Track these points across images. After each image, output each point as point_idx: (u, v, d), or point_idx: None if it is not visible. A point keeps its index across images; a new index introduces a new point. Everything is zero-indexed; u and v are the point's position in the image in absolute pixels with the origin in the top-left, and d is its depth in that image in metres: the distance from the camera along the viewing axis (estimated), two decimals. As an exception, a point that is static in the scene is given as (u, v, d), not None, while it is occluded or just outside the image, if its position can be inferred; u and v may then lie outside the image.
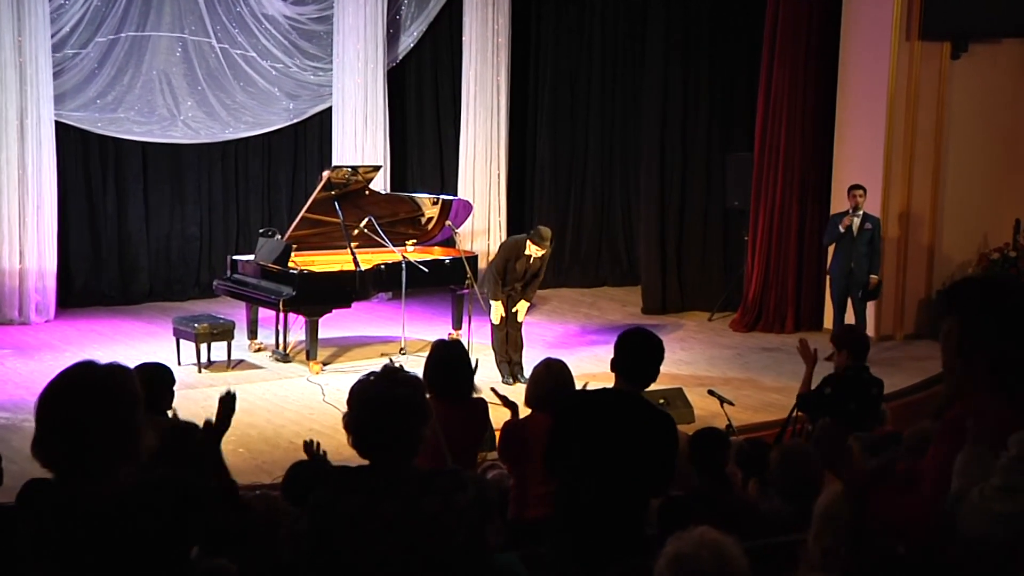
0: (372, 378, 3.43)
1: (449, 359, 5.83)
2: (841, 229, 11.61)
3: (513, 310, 10.54)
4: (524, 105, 15.75)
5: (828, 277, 12.21)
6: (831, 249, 12.01)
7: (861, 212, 11.62)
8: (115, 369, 3.06)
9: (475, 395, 5.95)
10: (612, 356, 4.79)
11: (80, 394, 2.97)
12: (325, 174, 11.26)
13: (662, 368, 4.81)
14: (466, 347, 6.66)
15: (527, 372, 9.89)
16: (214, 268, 13.97)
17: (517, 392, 7.58)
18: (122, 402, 2.97)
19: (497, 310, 10.38)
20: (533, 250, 10.28)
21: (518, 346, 10.59)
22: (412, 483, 3.35)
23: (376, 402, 3.35)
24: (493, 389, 6.42)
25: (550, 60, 15.68)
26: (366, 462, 3.39)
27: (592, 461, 4.68)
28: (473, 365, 5.97)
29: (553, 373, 5.71)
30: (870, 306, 12.06)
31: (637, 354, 4.76)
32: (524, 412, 5.87)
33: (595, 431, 4.72)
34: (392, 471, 3.35)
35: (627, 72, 15.63)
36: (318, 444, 5.02)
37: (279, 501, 4.35)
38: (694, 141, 14.15)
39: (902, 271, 12.75)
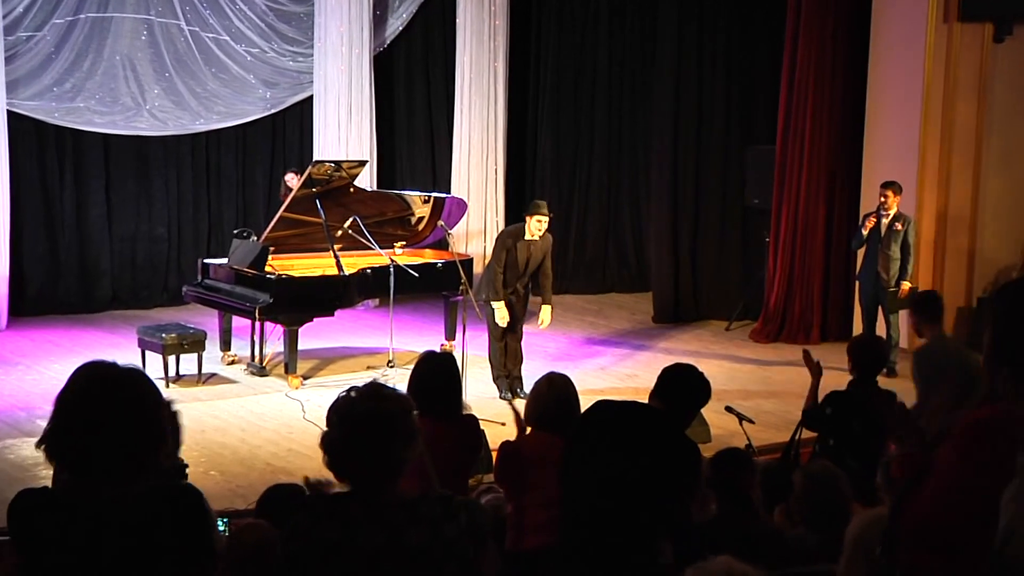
0: (354, 394, 3.40)
1: (437, 372, 5.81)
2: (863, 232, 11.55)
3: (539, 321, 10.57)
4: (524, 94, 15.74)
5: (857, 283, 12.18)
6: (860, 253, 11.99)
7: (891, 211, 11.55)
8: (136, 371, 3.18)
9: (465, 411, 5.93)
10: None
11: (113, 390, 3.04)
12: (297, 174, 11.23)
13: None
14: (460, 359, 6.63)
15: (528, 386, 9.85)
16: (183, 273, 13.94)
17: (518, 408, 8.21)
18: (152, 401, 3.10)
19: (502, 312, 10.34)
20: (533, 227, 10.32)
21: (518, 359, 10.56)
22: (396, 510, 3.31)
23: (358, 420, 3.32)
24: (511, 404, 6.44)
25: (552, 44, 15.67)
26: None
27: (606, 481, 4.66)
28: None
29: (556, 388, 5.69)
30: (903, 314, 12.03)
31: (679, 393, 4.87)
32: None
33: (612, 446, 4.70)
34: (374, 497, 3.32)
35: (636, 57, 15.61)
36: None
37: (269, 531, 4.33)
38: (710, 132, 14.13)
39: (939, 276, 12.71)
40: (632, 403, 4.86)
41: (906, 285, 11.51)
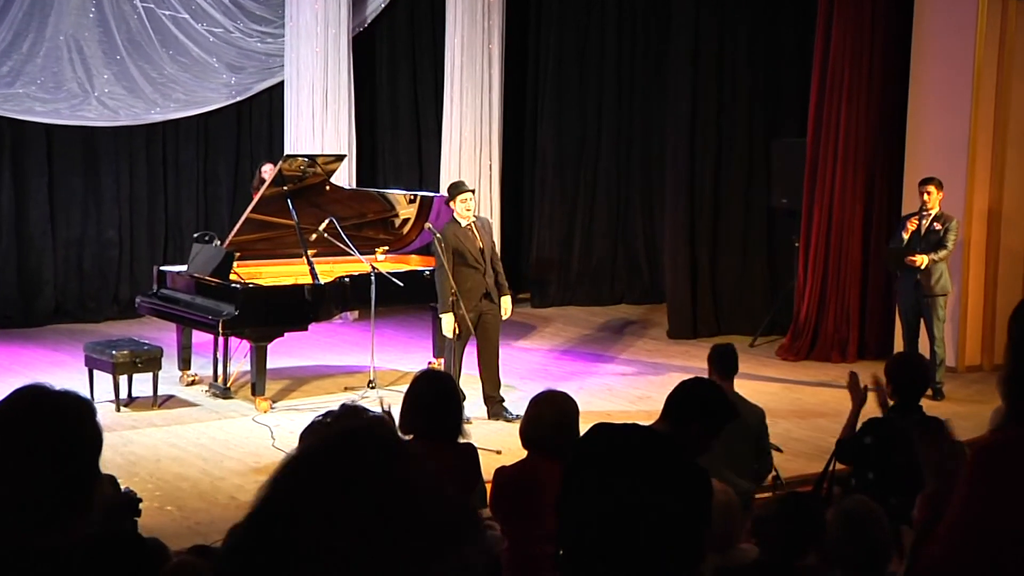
0: (328, 419, 3.39)
1: (434, 392, 5.83)
2: (904, 236, 11.51)
3: (503, 312, 10.57)
4: (522, 80, 15.75)
5: (896, 294, 12.18)
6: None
7: (932, 211, 11.53)
8: (74, 398, 2.98)
9: (465, 439, 5.93)
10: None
11: (39, 425, 2.88)
12: (275, 165, 11.23)
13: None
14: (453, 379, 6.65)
15: (517, 409, 9.85)
16: (137, 281, 13.94)
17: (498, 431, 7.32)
18: (86, 438, 2.91)
19: (449, 323, 10.37)
20: (461, 209, 10.41)
21: (493, 372, 10.54)
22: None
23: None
24: None
25: (554, 24, 15.69)
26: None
27: (605, 517, 4.66)
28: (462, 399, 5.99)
29: (555, 407, 5.69)
30: (950, 330, 12.03)
31: (692, 415, 4.86)
32: (519, 454, 5.85)
33: (611, 478, 4.70)
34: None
35: (650, 39, 15.64)
36: None
37: (203, 569, 4.30)
38: (732, 124, 14.15)
39: (991, 284, 12.72)
40: (632, 426, 4.87)
41: (922, 258, 11.36)
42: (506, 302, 10.69)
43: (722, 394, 5.04)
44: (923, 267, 11.29)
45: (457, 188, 10.64)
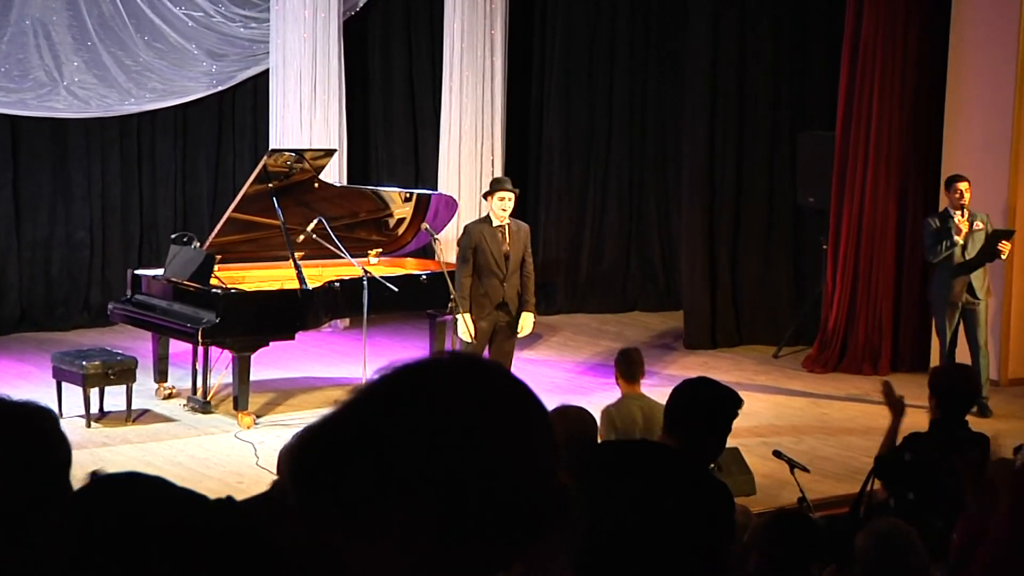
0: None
1: None
2: (958, 240, 11.46)
3: (519, 328, 10.56)
4: (527, 67, 15.76)
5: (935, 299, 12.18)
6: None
7: (967, 212, 11.56)
8: (35, 409, 2.97)
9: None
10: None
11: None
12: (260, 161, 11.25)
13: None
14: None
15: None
16: (109, 286, 13.95)
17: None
18: (52, 452, 2.90)
19: (466, 324, 10.36)
20: (498, 208, 10.43)
21: None
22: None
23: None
24: None
25: (562, 7, 15.69)
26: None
27: (615, 542, 4.68)
28: None
29: (570, 423, 5.66)
30: (993, 340, 12.04)
31: (693, 412, 4.83)
32: None
33: (621, 499, 4.71)
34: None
35: (666, 23, 15.65)
36: None
37: None
38: (754, 115, 14.16)
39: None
40: (639, 442, 4.87)
41: (1007, 246, 11.46)
42: (526, 319, 10.62)
43: (722, 388, 5.03)
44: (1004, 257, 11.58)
45: (497, 184, 10.71)
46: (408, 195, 12.18)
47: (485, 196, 10.79)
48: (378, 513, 1.68)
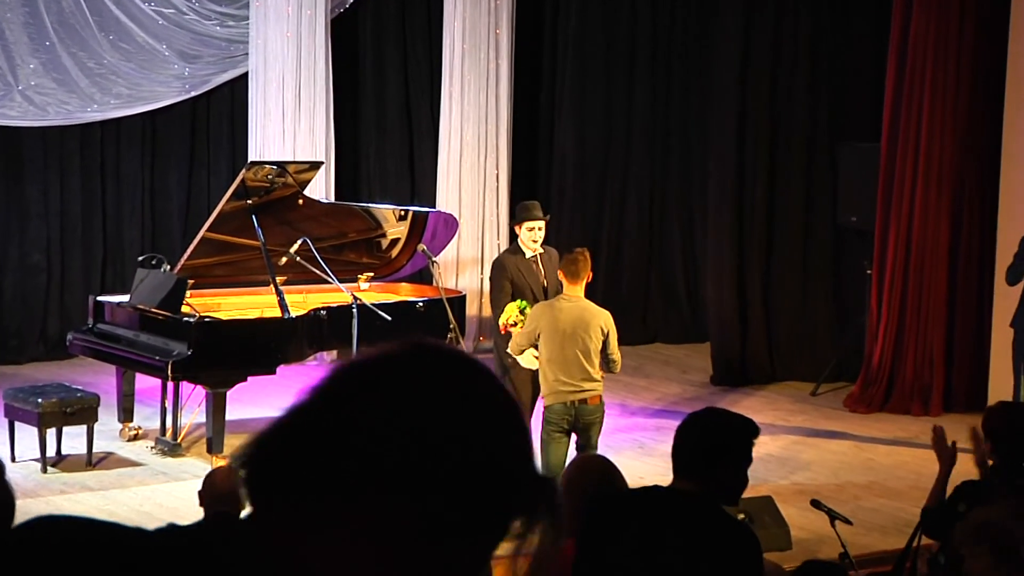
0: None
1: None
2: None
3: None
4: (536, 71, 15.78)
5: (1014, 332, 12.18)
6: (1016, 290, 11.97)
7: None
8: None
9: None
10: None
11: None
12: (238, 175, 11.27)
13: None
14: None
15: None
16: (68, 315, 13.95)
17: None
18: None
19: (528, 358, 10.08)
20: (527, 238, 10.42)
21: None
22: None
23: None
24: None
25: (575, 3, 15.72)
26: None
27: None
28: None
29: (593, 475, 5.64)
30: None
31: (707, 446, 4.80)
32: None
33: (635, 552, 4.71)
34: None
35: (690, 22, 15.67)
36: None
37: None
38: (790, 125, 14.17)
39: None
40: (652, 488, 4.85)
41: None
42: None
43: (733, 416, 5.00)
44: None
45: (525, 213, 10.60)
46: (403, 213, 12.18)
47: (513, 225, 10.79)
48: (351, 514, 1.73)
